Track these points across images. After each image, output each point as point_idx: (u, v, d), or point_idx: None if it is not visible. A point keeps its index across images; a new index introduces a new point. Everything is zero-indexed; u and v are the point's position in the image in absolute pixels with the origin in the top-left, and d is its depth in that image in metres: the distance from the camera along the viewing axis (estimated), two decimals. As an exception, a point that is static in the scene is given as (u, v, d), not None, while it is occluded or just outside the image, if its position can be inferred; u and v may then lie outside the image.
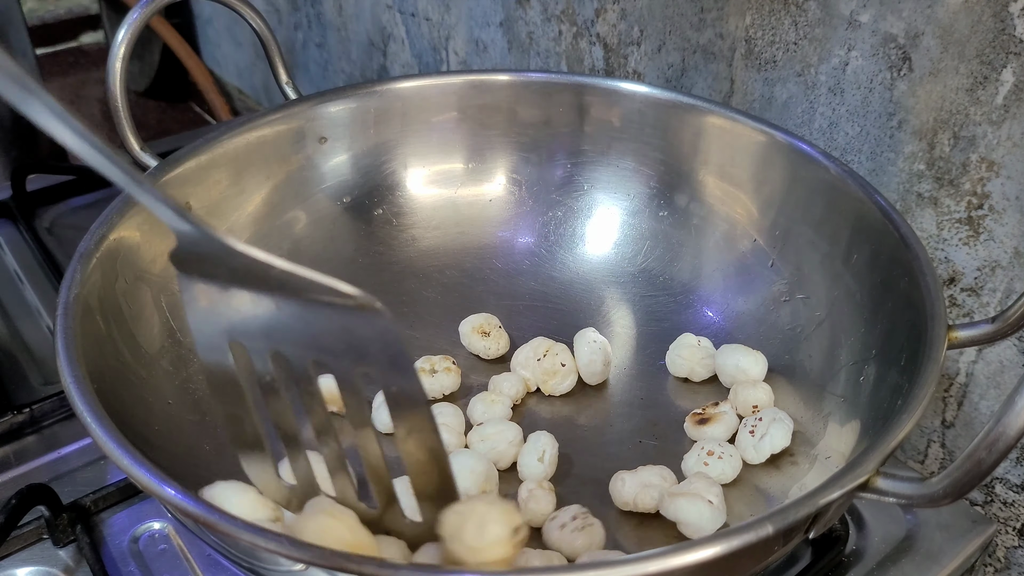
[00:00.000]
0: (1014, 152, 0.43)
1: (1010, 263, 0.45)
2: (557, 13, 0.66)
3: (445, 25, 0.78)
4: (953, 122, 0.45)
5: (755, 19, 0.53)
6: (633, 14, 0.60)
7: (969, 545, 0.46)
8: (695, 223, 0.54)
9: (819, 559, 0.43)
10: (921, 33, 0.45)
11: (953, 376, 0.49)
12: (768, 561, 0.36)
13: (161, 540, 0.44)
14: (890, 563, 0.44)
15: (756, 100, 0.55)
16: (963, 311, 0.48)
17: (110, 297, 0.43)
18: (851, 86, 0.49)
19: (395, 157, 0.58)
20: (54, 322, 0.39)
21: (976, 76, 0.44)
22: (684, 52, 0.58)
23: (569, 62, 0.67)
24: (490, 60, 0.75)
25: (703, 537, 0.30)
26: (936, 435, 0.51)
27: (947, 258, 0.48)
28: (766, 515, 0.31)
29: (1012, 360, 0.46)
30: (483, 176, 0.59)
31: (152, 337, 0.45)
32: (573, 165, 0.58)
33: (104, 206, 0.46)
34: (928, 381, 0.36)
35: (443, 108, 0.58)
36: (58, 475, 0.49)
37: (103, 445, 0.34)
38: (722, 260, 0.53)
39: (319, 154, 0.56)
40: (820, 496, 0.32)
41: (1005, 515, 0.49)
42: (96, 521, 0.45)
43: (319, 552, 0.29)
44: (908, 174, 0.48)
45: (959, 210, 0.46)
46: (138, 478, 0.32)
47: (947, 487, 0.31)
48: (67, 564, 0.44)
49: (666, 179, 0.55)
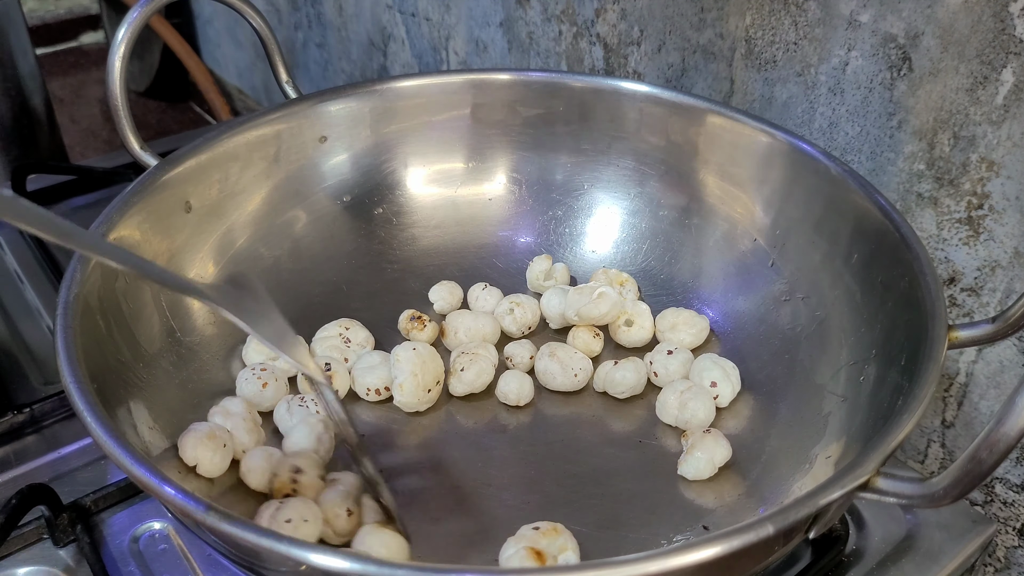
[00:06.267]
0: (1014, 152, 0.43)
1: (1010, 263, 0.45)
2: (557, 13, 0.66)
3: (445, 25, 0.78)
4: (953, 122, 0.45)
5: (755, 19, 0.53)
6: (633, 14, 0.60)
7: (969, 545, 0.46)
8: (695, 223, 0.54)
9: (819, 559, 0.43)
10: (921, 33, 0.45)
11: (953, 376, 0.49)
12: (768, 561, 0.36)
13: (161, 540, 0.44)
14: (890, 563, 0.44)
15: (756, 100, 0.55)
16: (963, 311, 0.48)
17: (110, 296, 0.43)
18: (851, 86, 0.49)
19: (395, 156, 0.58)
20: (54, 322, 0.39)
21: (976, 76, 0.44)
22: (684, 52, 0.58)
23: (569, 62, 0.67)
24: (490, 60, 0.75)
25: (704, 538, 0.30)
26: (936, 435, 0.51)
27: (947, 258, 0.48)
28: (767, 515, 0.31)
29: (1012, 360, 0.46)
30: (483, 175, 0.59)
31: (152, 336, 0.45)
32: (573, 164, 0.58)
33: (104, 205, 0.46)
34: (928, 381, 0.36)
35: (443, 107, 0.58)
36: (58, 475, 0.49)
37: (103, 445, 0.34)
38: (722, 260, 0.53)
39: (319, 153, 0.56)
40: (820, 496, 0.32)
41: (1005, 515, 0.49)
42: (96, 521, 0.45)
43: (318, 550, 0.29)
44: (908, 174, 0.48)
45: (959, 210, 0.46)
46: (138, 477, 0.32)
47: (948, 487, 0.31)
48: (67, 564, 0.44)
49: (666, 179, 0.55)
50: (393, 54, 0.87)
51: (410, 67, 0.85)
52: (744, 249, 0.52)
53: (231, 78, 1.22)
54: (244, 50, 1.15)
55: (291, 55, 1.05)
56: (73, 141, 1.14)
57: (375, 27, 0.88)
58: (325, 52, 0.98)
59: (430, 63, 0.83)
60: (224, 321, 0.50)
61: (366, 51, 0.91)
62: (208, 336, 0.49)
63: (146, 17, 0.50)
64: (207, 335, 0.49)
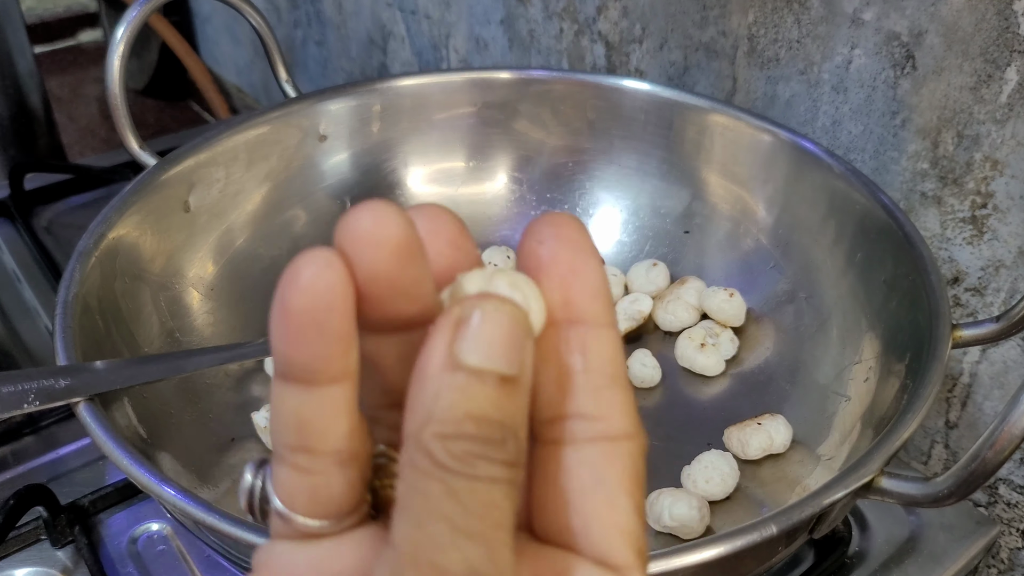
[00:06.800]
0: (1018, 151, 0.43)
1: (1014, 262, 0.45)
2: (558, 10, 0.66)
3: (445, 23, 0.78)
4: (957, 121, 0.45)
5: (758, 17, 0.53)
6: (635, 12, 0.60)
7: (972, 546, 0.46)
8: (698, 222, 0.54)
9: (822, 560, 0.43)
10: (925, 31, 0.45)
11: (957, 376, 0.49)
12: (771, 562, 0.36)
13: (160, 541, 0.44)
14: (893, 564, 0.44)
15: (759, 98, 0.55)
16: (967, 311, 0.48)
17: (109, 296, 0.43)
18: (854, 84, 0.49)
19: (395, 155, 0.58)
20: (53, 322, 0.39)
21: (980, 74, 0.43)
22: (686, 50, 0.58)
23: (570, 60, 0.67)
24: (491, 58, 0.75)
25: (707, 538, 0.30)
26: (940, 436, 0.51)
27: (951, 258, 0.48)
28: (770, 515, 0.31)
29: (1016, 360, 0.46)
30: (484, 174, 0.59)
31: (151, 337, 0.45)
32: (575, 164, 0.57)
33: (103, 205, 0.45)
34: (933, 380, 0.36)
35: (444, 106, 0.57)
36: (56, 475, 0.49)
37: (102, 445, 0.33)
38: (725, 259, 0.53)
39: (319, 152, 0.56)
40: (824, 496, 0.32)
41: (1009, 516, 0.49)
42: (94, 522, 0.45)
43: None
44: (912, 173, 0.48)
45: (963, 209, 0.46)
46: (137, 478, 0.32)
47: (951, 487, 0.31)
48: (65, 565, 0.43)
49: (668, 178, 0.55)
50: (393, 52, 0.87)
51: (410, 65, 0.85)
52: (747, 249, 0.52)
53: (230, 76, 1.22)
54: (243, 48, 1.15)
55: (290, 53, 1.04)
56: (71, 140, 1.14)
57: (375, 25, 0.87)
58: (324, 50, 0.98)
59: (430, 61, 0.82)
60: (222, 322, 0.50)
61: (366, 49, 0.91)
62: (207, 337, 0.49)
63: (145, 15, 0.50)
64: (206, 336, 0.48)
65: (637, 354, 0.49)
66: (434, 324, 0.16)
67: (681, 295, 0.51)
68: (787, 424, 0.44)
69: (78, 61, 1.39)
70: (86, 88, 1.31)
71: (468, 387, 0.16)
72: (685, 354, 0.49)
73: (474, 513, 0.15)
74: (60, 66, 1.37)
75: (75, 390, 0.35)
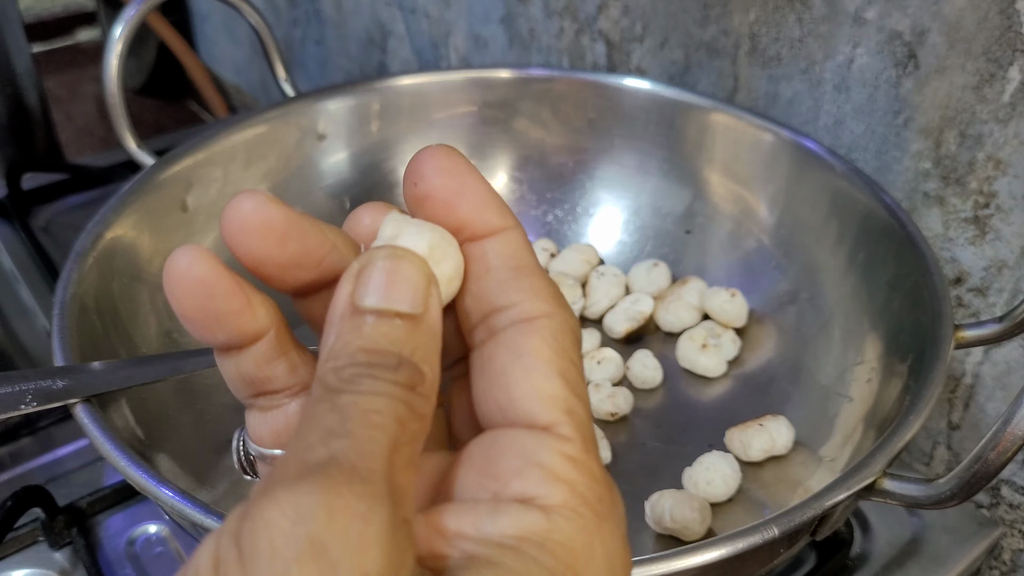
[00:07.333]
0: (1021, 150, 0.43)
1: (1017, 263, 0.45)
2: (559, 9, 0.66)
3: (445, 21, 0.78)
4: (959, 120, 0.45)
5: (759, 15, 0.53)
6: (636, 10, 0.60)
7: (975, 548, 0.45)
8: (699, 222, 0.54)
9: (824, 562, 0.43)
10: (927, 30, 0.45)
11: (959, 377, 0.49)
12: (773, 564, 0.35)
13: (158, 543, 0.44)
14: (895, 566, 0.44)
15: (760, 97, 0.54)
16: (969, 311, 0.48)
17: (106, 297, 0.42)
18: (857, 83, 0.49)
19: (395, 155, 0.58)
20: (50, 322, 0.38)
21: (983, 74, 0.43)
22: (688, 49, 0.58)
23: (571, 59, 0.67)
24: (490, 57, 0.74)
25: (708, 540, 0.30)
26: (942, 437, 0.51)
27: (953, 258, 0.47)
28: (772, 517, 0.31)
29: (1019, 361, 0.46)
30: (484, 174, 0.58)
31: (149, 337, 0.45)
32: (575, 163, 0.57)
33: (100, 204, 0.45)
34: (935, 381, 0.36)
35: (443, 105, 0.57)
36: (54, 477, 0.48)
37: (99, 446, 0.33)
38: (726, 259, 0.53)
39: (318, 152, 0.56)
40: (826, 498, 0.31)
41: (1011, 518, 0.49)
42: (92, 523, 0.45)
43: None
44: (914, 172, 0.48)
45: (965, 209, 0.46)
46: (135, 480, 0.32)
47: (954, 488, 0.31)
48: (63, 566, 0.43)
49: (670, 177, 0.55)
50: (392, 51, 0.87)
51: (409, 64, 0.85)
52: (749, 248, 0.52)
53: (228, 75, 1.22)
54: (241, 47, 1.15)
55: (289, 52, 1.04)
56: (69, 139, 1.14)
57: (374, 23, 0.87)
58: (323, 49, 0.98)
59: (430, 60, 0.82)
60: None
61: (365, 48, 0.91)
62: (206, 336, 0.48)
63: (143, 14, 0.50)
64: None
65: (638, 355, 0.49)
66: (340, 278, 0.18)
67: (682, 295, 0.51)
68: (789, 425, 0.44)
69: (76, 60, 1.39)
70: (84, 87, 1.30)
71: (363, 326, 0.17)
72: (687, 355, 0.49)
73: (350, 419, 0.16)
74: (58, 65, 1.36)
75: (72, 391, 0.35)
